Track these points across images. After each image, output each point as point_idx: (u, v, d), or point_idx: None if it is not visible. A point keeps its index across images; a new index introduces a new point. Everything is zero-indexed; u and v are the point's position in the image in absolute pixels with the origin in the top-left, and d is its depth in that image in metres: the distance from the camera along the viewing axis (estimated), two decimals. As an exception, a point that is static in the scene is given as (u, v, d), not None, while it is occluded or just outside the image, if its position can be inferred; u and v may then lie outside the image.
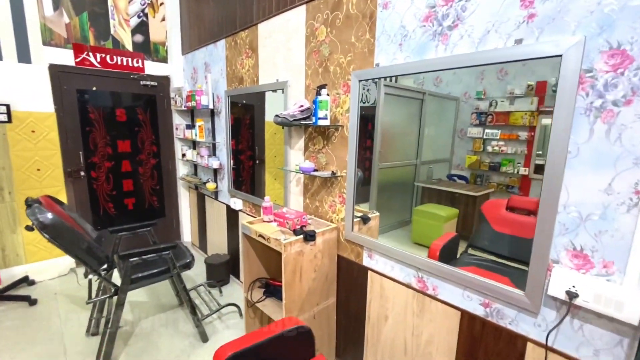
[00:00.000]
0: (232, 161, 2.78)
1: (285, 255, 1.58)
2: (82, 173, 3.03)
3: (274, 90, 2.24)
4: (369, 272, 1.72)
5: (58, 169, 2.89)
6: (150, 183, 3.51)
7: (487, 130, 1.39)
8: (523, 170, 1.30)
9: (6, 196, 2.68)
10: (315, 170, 1.92)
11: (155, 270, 1.98)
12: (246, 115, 2.66)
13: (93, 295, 2.15)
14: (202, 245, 3.52)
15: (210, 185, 3.01)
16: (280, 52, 2.13)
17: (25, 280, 2.78)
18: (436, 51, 1.31)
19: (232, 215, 2.86)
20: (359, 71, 1.62)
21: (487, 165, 1.41)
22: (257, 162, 2.61)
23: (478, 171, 1.45)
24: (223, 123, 2.81)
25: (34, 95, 2.69)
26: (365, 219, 1.81)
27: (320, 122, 1.75)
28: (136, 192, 3.42)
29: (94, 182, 3.13)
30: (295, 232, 1.71)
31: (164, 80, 3.42)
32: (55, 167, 2.87)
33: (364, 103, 1.66)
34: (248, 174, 2.73)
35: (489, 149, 1.40)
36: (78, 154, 2.99)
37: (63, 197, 2.94)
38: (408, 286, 1.53)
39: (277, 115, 1.93)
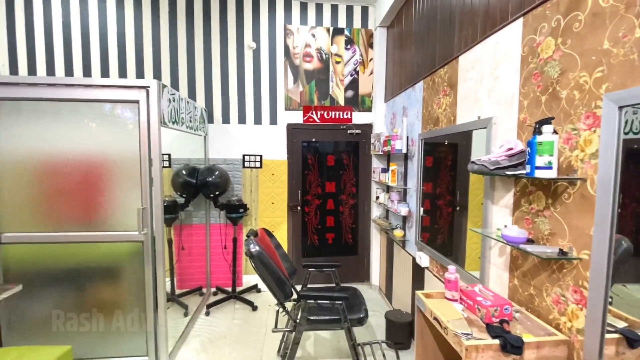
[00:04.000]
0: (422, 209, 2.48)
1: (467, 363, 1.11)
2: (299, 208, 3.66)
3: (471, 131, 1.81)
4: None
5: (284, 203, 3.63)
6: (348, 221, 3.76)
7: None
8: None
9: (253, 221, 3.62)
10: (530, 241, 1.31)
11: (329, 317, 1.96)
12: (447, 155, 2.32)
13: (281, 324, 2.40)
14: (388, 293, 3.33)
15: (398, 233, 2.82)
16: (484, 83, 1.71)
17: (255, 288, 3.58)
18: None
19: (418, 272, 2.52)
20: (621, 92, 0.98)
21: None
22: (457, 209, 2.18)
23: None
24: (415, 168, 2.60)
25: (275, 148, 3.56)
26: (633, 340, 1.02)
27: (540, 173, 1.19)
28: (336, 228, 3.75)
29: (306, 216, 3.70)
30: (490, 330, 1.19)
31: (367, 128, 3.67)
32: (282, 201, 3.62)
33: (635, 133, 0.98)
34: (445, 222, 2.32)
35: None
36: (298, 192, 3.66)
37: (285, 226, 3.64)
38: None
39: (472, 162, 1.52)
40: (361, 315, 2.01)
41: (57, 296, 2.21)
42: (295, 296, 2.14)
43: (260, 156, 3.56)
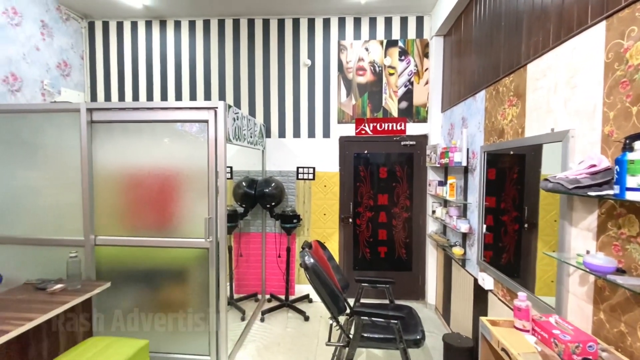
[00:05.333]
0: (484, 226, 2.32)
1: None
2: (350, 220, 3.66)
3: (541, 144, 1.66)
4: None
5: (335, 215, 3.66)
6: (402, 235, 3.65)
7: None
8: None
9: (305, 232, 3.70)
10: (620, 271, 1.16)
11: (383, 336, 1.92)
12: (513, 167, 2.15)
13: (333, 337, 2.40)
14: (446, 314, 3.14)
15: (457, 251, 2.66)
16: (559, 93, 1.57)
17: (307, 298, 3.64)
18: None
19: (480, 294, 2.34)
20: None
21: None
22: (526, 226, 1.99)
23: None
24: (477, 182, 2.45)
25: (327, 160, 3.63)
26: None
27: (633, 195, 1.05)
28: (389, 242, 3.67)
29: (357, 228, 3.68)
30: (569, 369, 1.07)
31: (422, 139, 3.56)
32: (334, 213, 3.66)
33: None
34: (511, 240, 2.14)
35: None
36: (349, 204, 3.66)
37: (336, 238, 3.66)
38: None
39: (547, 180, 1.40)
40: (418, 337, 1.93)
41: (135, 294, 2.50)
42: (348, 310, 2.13)
43: (313, 168, 3.65)
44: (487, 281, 2.20)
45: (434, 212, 3.24)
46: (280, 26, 3.62)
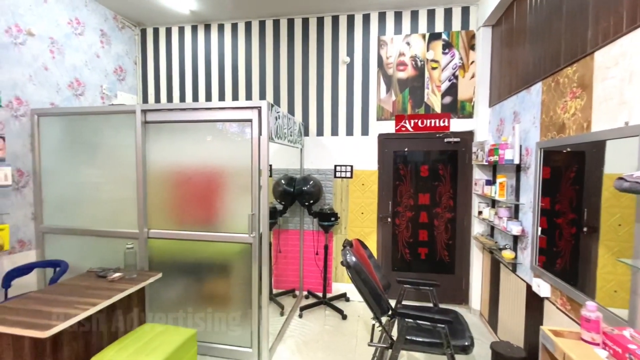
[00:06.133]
0: (539, 228, 2.15)
1: None
2: (389, 219, 3.58)
3: (604, 141, 1.50)
4: None
5: (373, 214, 3.60)
6: (444, 237, 3.51)
7: None
8: None
9: (343, 230, 3.68)
10: None
11: (429, 340, 1.85)
12: (570, 166, 1.97)
13: (375, 338, 2.36)
14: (492, 321, 2.97)
15: (507, 254, 2.50)
16: (634, 83, 1.41)
17: (344, 296, 3.62)
18: None
19: (534, 301, 2.18)
20: None
21: None
22: (585, 230, 1.82)
23: None
24: (531, 181, 2.28)
25: (366, 158, 3.58)
26: None
27: None
28: (430, 243, 3.54)
29: (396, 228, 3.60)
30: (654, 390, 0.95)
31: (467, 135, 3.39)
32: (372, 212, 3.60)
33: None
34: (567, 245, 1.96)
35: None
36: (388, 203, 3.58)
37: (374, 237, 3.61)
38: None
39: (622, 179, 1.26)
40: (466, 343, 1.84)
41: (182, 285, 2.63)
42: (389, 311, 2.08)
43: (351, 166, 3.62)
44: (542, 288, 2.04)
45: (480, 212, 3.07)
46: (320, 24, 3.62)
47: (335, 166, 3.66)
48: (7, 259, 2.59)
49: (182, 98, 3.97)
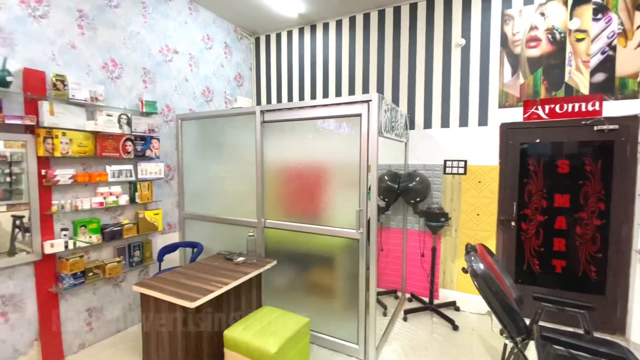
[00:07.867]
0: None
1: None
2: (513, 223, 3.08)
3: None
4: None
5: (492, 216, 3.15)
6: (590, 248, 2.83)
7: None
8: None
9: (453, 232, 3.34)
10: None
11: (586, 377, 1.48)
12: None
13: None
14: (669, 364, 2.24)
15: None
16: None
17: (453, 305, 3.28)
18: None
19: None
20: None
21: None
22: None
23: None
24: None
25: (483, 152, 3.15)
26: None
27: None
28: (568, 255, 2.91)
29: (522, 234, 3.07)
30: None
31: (630, 121, 2.64)
32: (490, 214, 3.16)
33: None
34: None
35: None
36: (512, 204, 3.08)
37: (492, 243, 3.16)
38: None
39: None
40: (645, 390, 1.41)
41: (293, 274, 2.78)
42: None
43: (465, 161, 3.24)
44: None
45: (651, 220, 2.35)
46: (430, 7, 3.33)
47: (445, 161, 3.33)
48: (160, 238, 3.18)
49: (290, 98, 4.21)
